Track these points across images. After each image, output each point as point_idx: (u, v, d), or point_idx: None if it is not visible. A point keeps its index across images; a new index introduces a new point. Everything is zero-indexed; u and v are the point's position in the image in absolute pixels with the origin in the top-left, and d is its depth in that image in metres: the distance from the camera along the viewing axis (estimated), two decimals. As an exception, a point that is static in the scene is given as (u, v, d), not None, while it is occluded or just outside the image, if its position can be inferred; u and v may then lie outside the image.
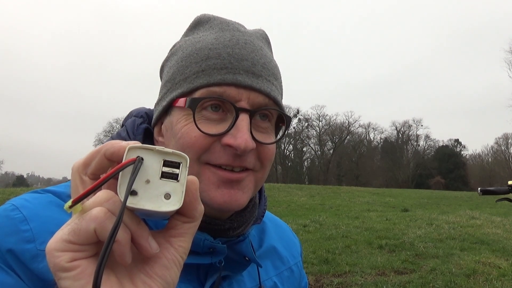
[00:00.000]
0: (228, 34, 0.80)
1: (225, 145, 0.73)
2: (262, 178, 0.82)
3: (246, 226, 0.83)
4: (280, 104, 0.81)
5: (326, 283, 5.76)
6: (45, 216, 0.72)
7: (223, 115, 0.75)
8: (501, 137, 65.16)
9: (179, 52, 0.83)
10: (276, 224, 1.07)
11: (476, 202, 19.37)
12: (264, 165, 0.80)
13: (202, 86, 0.75)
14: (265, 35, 0.88)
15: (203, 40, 0.80)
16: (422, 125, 66.73)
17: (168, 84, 0.82)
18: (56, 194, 0.78)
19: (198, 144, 0.74)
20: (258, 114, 0.78)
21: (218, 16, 0.86)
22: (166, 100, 0.80)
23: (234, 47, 0.77)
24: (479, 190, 2.99)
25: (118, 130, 0.89)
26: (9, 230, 0.69)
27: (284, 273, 0.98)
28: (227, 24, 0.83)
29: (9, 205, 0.74)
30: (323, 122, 67.07)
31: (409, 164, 63.31)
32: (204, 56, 0.77)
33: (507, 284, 5.66)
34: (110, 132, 58.55)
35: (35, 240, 0.69)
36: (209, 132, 0.73)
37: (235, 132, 0.72)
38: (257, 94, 0.76)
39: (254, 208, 0.86)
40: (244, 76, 0.75)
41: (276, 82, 0.82)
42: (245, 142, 0.71)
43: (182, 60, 0.80)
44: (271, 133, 0.82)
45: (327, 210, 15.14)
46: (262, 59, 0.79)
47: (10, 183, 68.50)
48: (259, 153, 0.77)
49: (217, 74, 0.75)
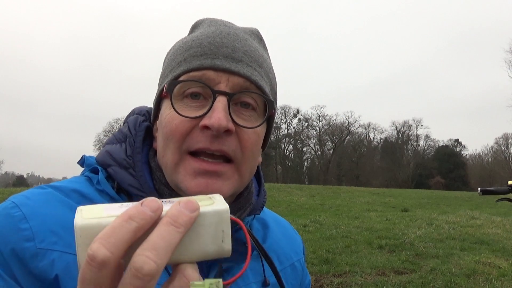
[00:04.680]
0: (213, 28, 0.82)
1: (202, 127, 0.73)
2: (247, 170, 0.80)
3: (242, 213, 0.83)
4: (263, 89, 0.79)
5: (326, 283, 5.76)
6: (45, 214, 0.72)
7: (204, 102, 0.76)
8: (501, 137, 65.18)
9: (171, 50, 0.86)
10: (278, 221, 1.07)
11: (476, 202, 19.36)
12: (244, 155, 0.78)
13: (183, 73, 0.77)
14: (256, 32, 0.89)
15: (190, 36, 0.83)
16: (422, 125, 66.68)
17: (160, 79, 0.86)
18: (58, 188, 0.78)
19: (179, 130, 0.74)
20: (240, 102, 0.77)
21: (213, 18, 0.88)
22: (157, 93, 0.84)
23: (216, 37, 0.79)
24: (479, 190, 3.00)
25: (120, 128, 0.89)
26: (8, 229, 0.70)
27: (287, 269, 0.97)
28: (216, 22, 0.85)
29: (9, 202, 0.74)
30: (323, 122, 67.12)
31: (409, 164, 63.28)
32: (187, 47, 0.80)
33: (507, 284, 5.66)
34: (110, 132, 58.40)
35: (34, 239, 0.69)
36: (188, 115, 0.74)
37: (210, 113, 0.73)
38: (237, 77, 0.76)
39: (249, 196, 0.86)
40: (223, 60, 0.76)
41: (260, 69, 0.81)
42: (218, 120, 0.71)
43: (171, 55, 0.84)
44: (256, 121, 0.79)
45: (327, 210, 15.14)
46: (244, 47, 0.80)
47: (10, 183, 68.50)
48: (240, 139, 0.77)
49: (196, 60, 0.77)
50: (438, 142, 66.81)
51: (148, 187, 0.78)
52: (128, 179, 0.79)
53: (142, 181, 0.78)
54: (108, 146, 0.85)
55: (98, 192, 0.80)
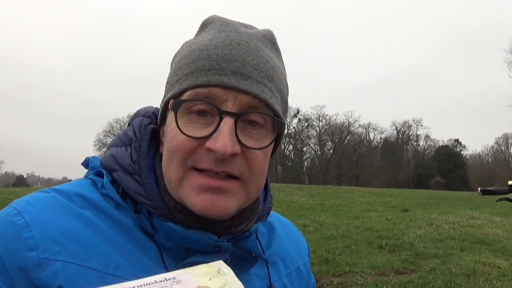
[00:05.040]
0: (223, 35, 0.77)
1: (207, 149, 0.71)
2: (254, 187, 0.77)
3: (249, 222, 0.81)
4: (273, 107, 0.75)
5: (326, 283, 5.76)
6: (48, 221, 0.70)
7: (211, 119, 0.73)
8: (501, 137, 65.09)
9: (179, 53, 0.82)
10: (283, 223, 1.05)
11: (476, 202, 19.36)
12: (252, 173, 0.75)
13: (189, 88, 0.74)
14: (269, 36, 0.83)
15: (199, 41, 0.79)
16: (422, 125, 66.59)
17: (167, 85, 0.82)
18: (63, 193, 0.76)
19: (183, 147, 0.72)
20: (247, 120, 0.75)
21: (223, 17, 0.84)
22: (163, 102, 0.81)
23: (225, 48, 0.75)
24: (479, 190, 3.00)
25: (125, 129, 0.87)
26: (11, 237, 0.68)
27: (293, 273, 0.96)
28: (227, 25, 0.80)
29: (12, 208, 0.72)
30: (323, 122, 67.08)
31: (409, 164, 63.27)
32: (195, 58, 0.76)
33: (507, 284, 5.66)
34: (110, 132, 58.40)
35: (37, 248, 0.67)
36: (193, 135, 0.72)
37: (216, 136, 0.70)
38: (245, 95, 0.72)
39: (256, 205, 0.84)
40: (231, 77, 0.72)
41: (271, 84, 0.76)
42: (223, 146, 0.69)
43: (179, 62, 0.80)
44: (265, 139, 0.76)
45: (327, 210, 15.14)
46: (255, 60, 0.75)
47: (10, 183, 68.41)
48: (247, 159, 0.74)
49: (204, 75, 0.73)
50: (438, 142, 66.91)
51: (154, 195, 0.76)
52: (134, 186, 0.77)
53: (148, 188, 0.77)
54: (113, 149, 0.83)
55: (102, 196, 0.78)
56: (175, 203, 0.76)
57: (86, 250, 0.69)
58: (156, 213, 0.75)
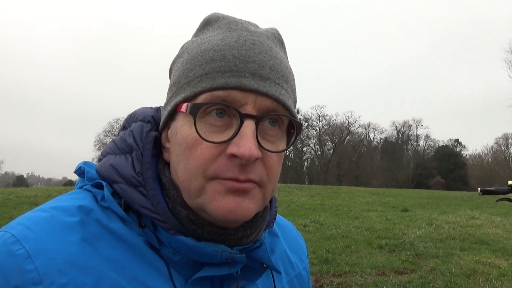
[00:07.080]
0: (235, 34, 0.74)
1: (230, 155, 0.67)
2: (270, 191, 0.75)
3: (259, 232, 0.78)
4: (290, 109, 0.73)
5: (326, 283, 5.76)
6: (51, 249, 0.64)
7: (229, 121, 0.70)
8: (501, 137, 64.96)
9: (185, 54, 0.77)
10: (282, 225, 1.02)
11: (476, 202, 19.35)
12: (270, 178, 0.73)
13: (206, 90, 0.69)
14: (278, 35, 0.81)
15: (209, 41, 0.75)
16: (422, 125, 66.52)
17: (174, 87, 0.77)
18: (63, 209, 0.70)
19: (204, 156, 0.68)
20: (267, 119, 0.72)
21: (228, 15, 0.81)
22: (171, 105, 0.75)
23: (240, 48, 0.71)
24: (479, 190, 3.00)
25: (122, 135, 0.80)
26: (11, 271, 0.61)
27: (294, 280, 0.94)
28: (236, 24, 0.77)
29: (8, 235, 0.64)
30: (323, 122, 66.97)
31: (409, 164, 63.23)
32: (208, 59, 0.71)
33: (507, 284, 5.66)
34: (110, 132, 58.17)
35: (42, 282, 0.61)
36: (214, 140, 0.68)
37: (238, 140, 0.67)
38: (264, 98, 0.70)
39: (266, 213, 0.81)
40: (250, 79, 0.69)
41: (287, 85, 0.74)
42: (249, 150, 0.65)
43: (187, 63, 0.75)
44: (280, 142, 0.74)
45: (327, 210, 15.14)
46: (271, 60, 0.72)
47: (10, 183, 68.38)
48: (265, 164, 0.71)
49: (221, 77, 0.69)
50: (438, 142, 66.79)
51: (162, 208, 0.71)
52: (139, 199, 0.72)
53: (155, 201, 0.71)
54: (111, 158, 0.78)
55: (102, 210, 0.72)
56: (187, 213, 0.72)
57: (94, 278, 0.64)
58: (166, 227, 0.71)
